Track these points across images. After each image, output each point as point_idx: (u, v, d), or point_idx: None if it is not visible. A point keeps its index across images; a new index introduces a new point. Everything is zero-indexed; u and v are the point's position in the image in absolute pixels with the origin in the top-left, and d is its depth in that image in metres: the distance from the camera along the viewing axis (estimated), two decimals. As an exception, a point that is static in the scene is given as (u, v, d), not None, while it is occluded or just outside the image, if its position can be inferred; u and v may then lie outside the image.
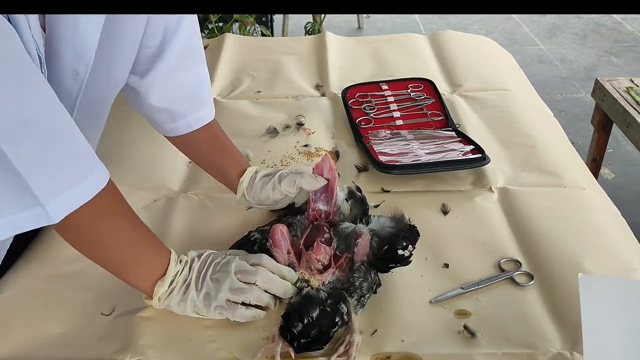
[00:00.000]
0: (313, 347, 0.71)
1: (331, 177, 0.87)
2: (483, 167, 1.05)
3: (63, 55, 0.72)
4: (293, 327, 0.71)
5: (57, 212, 0.63)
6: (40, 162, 0.61)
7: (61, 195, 0.63)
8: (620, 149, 2.51)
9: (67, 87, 0.75)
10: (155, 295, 0.74)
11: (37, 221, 0.63)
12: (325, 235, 0.82)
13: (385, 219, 0.86)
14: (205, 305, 0.74)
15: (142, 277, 0.75)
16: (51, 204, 0.62)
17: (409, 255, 0.80)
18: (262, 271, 0.75)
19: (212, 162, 0.95)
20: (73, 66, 0.73)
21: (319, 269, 0.78)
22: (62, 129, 0.65)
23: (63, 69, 0.73)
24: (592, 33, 3.67)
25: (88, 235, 0.71)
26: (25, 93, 0.61)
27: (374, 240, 0.81)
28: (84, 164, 0.66)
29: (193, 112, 0.92)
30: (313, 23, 2.82)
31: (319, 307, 0.73)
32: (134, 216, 0.75)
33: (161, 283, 0.74)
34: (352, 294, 0.76)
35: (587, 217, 0.95)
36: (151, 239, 0.76)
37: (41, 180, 0.61)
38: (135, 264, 0.74)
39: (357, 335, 0.72)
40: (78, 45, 0.72)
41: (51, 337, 0.76)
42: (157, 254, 0.75)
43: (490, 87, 1.35)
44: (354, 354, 0.71)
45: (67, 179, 0.64)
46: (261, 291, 0.75)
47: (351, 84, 1.32)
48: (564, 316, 0.76)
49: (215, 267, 0.76)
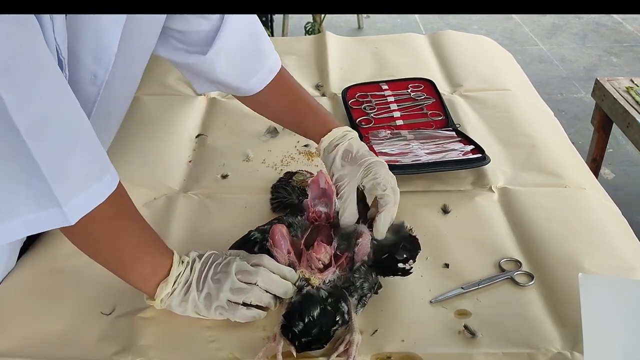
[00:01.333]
0: (314, 346, 0.71)
1: (328, 189, 0.87)
2: (483, 167, 1.05)
3: (83, 60, 0.72)
4: (294, 326, 0.71)
5: (74, 214, 0.63)
6: (61, 161, 0.61)
7: (79, 196, 0.63)
8: (620, 149, 2.51)
9: (85, 92, 0.75)
10: (157, 297, 0.74)
11: (53, 222, 0.63)
12: (326, 235, 0.82)
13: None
14: (206, 305, 0.74)
15: (145, 279, 0.75)
16: (69, 205, 0.62)
17: (409, 268, 0.80)
18: (263, 271, 0.75)
19: (294, 121, 0.98)
20: (92, 70, 0.73)
21: (320, 268, 0.79)
22: (81, 129, 0.65)
23: (82, 73, 0.73)
24: (592, 33, 3.67)
25: (97, 236, 0.71)
26: (48, 89, 0.61)
27: (373, 242, 0.81)
28: (98, 165, 0.67)
29: (261, 67, 0.94)
30: (313, 23, 2.82)
31: (320, 306, 0.73)
32: (140, 218, 0.75)
33: (164, 284, 0.74)
34: (352, 294, 0.76)
35: (587, 216, 0.95)
36: (156, 240, 0.76)
37: (62, 179, 0.61)
38: (140, 265, 0.74)
39: (357, 335, 0.72)
40: (98, 50, 0.72)
41: (51, 336, 0.75)
42: (161, 256, 0.75)
43: (491, 87, 1.35)
44: (354, 353, 0.71)
45: (84, 179, 0.64)
46: (262, 291, 0.75)
47: (351, 84, 1.32)
48: (564, 316, 0.76)
49: (216, 268, 0.76)
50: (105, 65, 0.74)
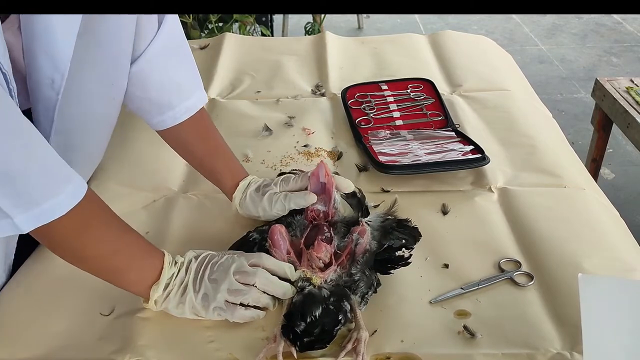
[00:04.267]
0: (316, 346, 0.71)
1: (328, 182, 0.86)
2: (483, 167, 1.05)
3: (40, 63, 0.71)
4: (296, 326, 0.70)
5: (26, 225, 0.64)
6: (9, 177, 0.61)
7: (29, 212, 0.63)
8: (620, 149, 2.51)
9: (45, 96, 0.74)
10: (151, 299, 0.74)
11: (4, 231, 0.64)
12: (326, 234, 0.82)
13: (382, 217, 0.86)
14: (204, 306, 0.74)
15: (135, 283, 0.74)
16: (19, 218, 0.63)
17: (408, 257, 0.80)
18: (261, 272, 0.75)
19: (207, 167, 0.95)
20: (50, 75, 0.72)
21: (321, 267, 0.78)
22: (29, 146, 0.64)
23: (40, 76, 0.72)
24: (592, 33, 3.67)
25: (74, 247, 0.71)
26: None
27: (374, 234, 0.81)
28: (54, 181, 0.65)
29: (179, 103, 0.90)
30: (313, 23, 2.82)
31: (322, 306, 0.73)
32: (118, 224, 0.74)
33: (156, 287, 0.74)
34: (354, 292, 0.76)
35: (586, 217, 0.95)
36: (140, 244, 0.75)
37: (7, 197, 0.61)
38: (126, 270, 0.74)
39: (365, 332, 0.72)
40: (53, 53, 0.71)
41: (50, 336, 0.75)
42: (149, 259, 0.75)
43: (490, 87, 1.35)
44: (363, 350, 0.70)
45: (34, 196, 0.63)
46: (260, 293, 0.75)
47: (351, 84, 1.32)
48: (563, 316, 0.76)
49: (213, 267, 0.76)
50: (62, 71, 0.72)
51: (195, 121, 0.92)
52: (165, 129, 0.92)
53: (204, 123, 0.95)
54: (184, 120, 0.91)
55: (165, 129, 0.92)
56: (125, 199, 0.99)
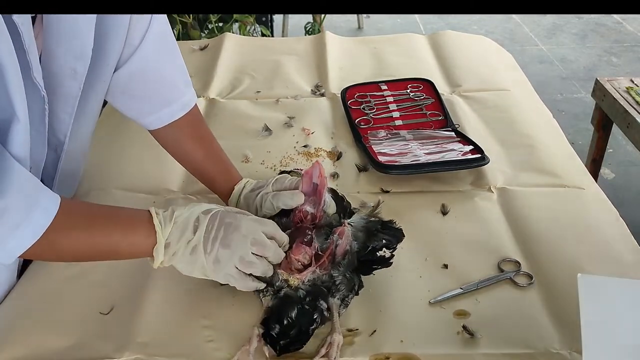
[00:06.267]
0: (292, 347, 0.71)
1: (320, 183, 0.85)
2: (482, 167, 1.05)
3: (61, 56, 0.73)
4: (271, 330, 0.71)
5: (7, 258, 0.66)
6: None
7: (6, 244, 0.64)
8: (620, 149, 2.51)
9: (66, 87, 0.76)
10: (155, 263, 0.74)
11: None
12: (307, 237, 0.81)
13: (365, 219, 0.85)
14: (215, 270, 0.74)
15: (137, 254, 0.74)
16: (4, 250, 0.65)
17: (389, 257, 0.79)
18: (275, 246, 0.76)
19: (201, 169, 0.95)
20: (72, 65, 0.74)
21: (299, 269, 0.78)
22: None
23: (61, 68, 0.74)
24: (592, 33, 3.67)
25: (64, 257, 0.74)
26: None
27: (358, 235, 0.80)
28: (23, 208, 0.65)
29: (174, 100, 0.91)
30: (313, 23, 2.82)
31: (297, 306, 0.73)
32: (97, 218, 0.73)
33: (156, 253, 0.73)
34: (334, 294, 0.76)
35: (586, 217, 0.95)
36: (124, 222, 0.74)
37: None
38: (124, 251, 0.74)
39: (339, 335, 0.72)
40: (77, 45, 0.74)
41: (49, 336, 0.75)
42: (140, 228, 0.73)
43: (490, 87, 1.35)
44: (334, 354, 0.70)
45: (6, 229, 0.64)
46: (269, 266, 0.76)
47: (351, 84, 1.32)
48: (563, 316, 0.76)
49: (228, 229, 0.74)
50: (84, 60, 0.75)
51: (190, 119, 0.93)
52: (160, 128, 0.92)
53: (198, 122, 0.95)
54: (179, 118, 0.92)
55: (161, 127, 0.92)
56: (126, 202, 0.98)
